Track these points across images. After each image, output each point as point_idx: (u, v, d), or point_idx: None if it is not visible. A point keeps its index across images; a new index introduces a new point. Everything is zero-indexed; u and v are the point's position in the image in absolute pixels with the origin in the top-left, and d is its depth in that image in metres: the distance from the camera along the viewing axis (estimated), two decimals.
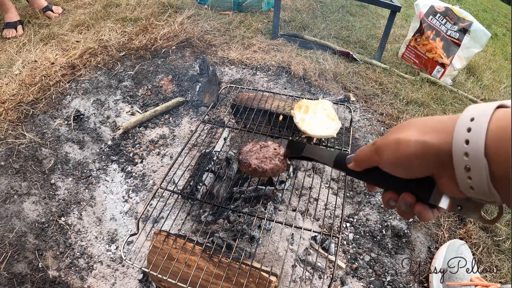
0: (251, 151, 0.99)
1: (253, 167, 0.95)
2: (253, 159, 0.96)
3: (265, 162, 0.95)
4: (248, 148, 1.00)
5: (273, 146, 1.00)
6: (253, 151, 0.99)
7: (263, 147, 1.00)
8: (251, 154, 0.98)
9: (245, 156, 0.98)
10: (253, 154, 0.98)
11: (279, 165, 0.95)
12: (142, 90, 1.76)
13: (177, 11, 2.38)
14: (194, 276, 0.90)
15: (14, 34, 2.04)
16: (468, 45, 2.04)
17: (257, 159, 0.96)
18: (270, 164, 0.95)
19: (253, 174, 0.96)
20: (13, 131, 1.47)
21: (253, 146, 1.01)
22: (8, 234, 1.17)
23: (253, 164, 0.95)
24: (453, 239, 1.21)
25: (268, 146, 1.00)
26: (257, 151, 0.99)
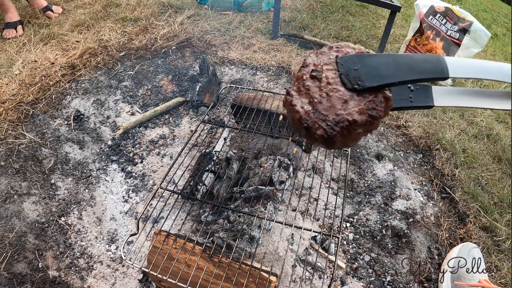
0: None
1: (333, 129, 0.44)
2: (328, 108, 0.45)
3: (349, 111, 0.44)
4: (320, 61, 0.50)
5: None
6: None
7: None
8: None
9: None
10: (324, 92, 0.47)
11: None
12: (142, 90, 1.76)
13: (177, 11, 2.37)
14: (194, 276, 0.90)
15: (14, 34, 2.04)
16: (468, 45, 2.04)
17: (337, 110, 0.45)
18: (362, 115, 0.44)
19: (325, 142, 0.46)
20: (13, 131, 1.47)
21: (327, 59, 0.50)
22: (8, 234, 1.17)
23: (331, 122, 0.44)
24: (466, 242, 1.22)
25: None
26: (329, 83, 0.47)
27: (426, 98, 0.47)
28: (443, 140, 1.60)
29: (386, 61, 0.47)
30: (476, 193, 1.41)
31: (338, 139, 0.45)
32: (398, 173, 1.47)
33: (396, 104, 0.47)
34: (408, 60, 0.47)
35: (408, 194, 1.40)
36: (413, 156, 1.57)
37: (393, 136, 1.64)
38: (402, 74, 0.46)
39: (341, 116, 0.44)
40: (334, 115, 0.45)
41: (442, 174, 1.48)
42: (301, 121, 0.46)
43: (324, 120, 0.45)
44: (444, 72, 0.45)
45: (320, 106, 0.46)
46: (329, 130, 0.44)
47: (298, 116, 0.46)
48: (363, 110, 0.45)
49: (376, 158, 1.52)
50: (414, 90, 0.48)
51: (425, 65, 0.46)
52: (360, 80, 0.46)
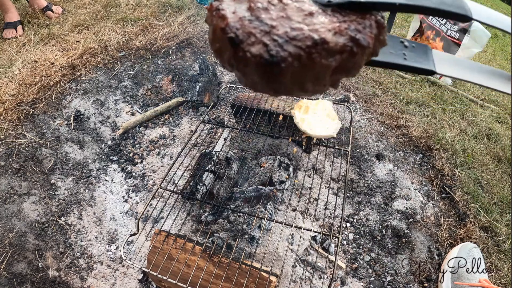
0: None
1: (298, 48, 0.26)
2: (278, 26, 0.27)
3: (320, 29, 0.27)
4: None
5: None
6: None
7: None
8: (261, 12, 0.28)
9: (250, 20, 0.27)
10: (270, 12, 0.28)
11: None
12: (142, 90, 1.76)
13: (177, 11, 2.37)
14: (194, 276, 0.90)
15: (14, 34, 2.04)
16: (468, 45, 2.04)
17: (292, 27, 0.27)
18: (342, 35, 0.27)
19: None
20: (13, 131, 1.47)
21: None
22: (8, 234, 1.17)
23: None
24: (466, 242, 1.22)
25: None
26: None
27: (425, 59, 0.36)
28: (443, 140, 1.60)
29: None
30: (476, 193, 1.41)
31: (288, 66, 0.25)
32: (398, 173, 1.47)
33: (384, 57, 0.34)
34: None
35: (408, 194, 1.40)
36: (413, 156, 1.57)
37: (393, 136, 1.64)
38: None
39: (300, 32, 0.26)
40: (288, 28, 0.26)
41: (442, 174, 1.48)
42: (228, 30, 0.26)
43: (269, 32, 0.26)
44: (465, 9, 0.32)
45: (265, 13, 0.27)
46: (274, 48, 0.25)
47: (223, 24, 0.27)
48: (340, 29, 0.27)
49: (376, 158, 1.52)
50: (409, 47, 0.36)
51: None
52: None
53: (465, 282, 1.06)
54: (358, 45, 0.27)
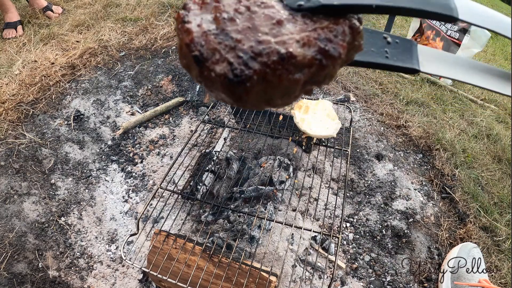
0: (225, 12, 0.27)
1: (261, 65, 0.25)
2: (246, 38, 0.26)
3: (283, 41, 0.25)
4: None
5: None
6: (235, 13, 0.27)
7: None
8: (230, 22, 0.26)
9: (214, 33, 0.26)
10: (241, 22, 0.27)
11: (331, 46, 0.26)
12: (142, 90, 1.76)
13: (177, 11, 2.37)
14: (194, 276, 0.90)
15: (14, 34, 2.04)
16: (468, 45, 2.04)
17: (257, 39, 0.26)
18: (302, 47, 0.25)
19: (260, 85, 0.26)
20: (13, 131, 1.47)
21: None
22: (8, 234, 1.17)
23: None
24: (466, 242, 1.22)
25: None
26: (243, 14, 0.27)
27: (408, 57, 0.33)
28: (443, 140, 1.60)
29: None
30: (476, 193, 1.41)
31: (253, 85, 0.25)
32: (398, 173, 1.47)
33: (364, 56, 0.31)
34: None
35: (408, 194, 1.40)
36: (413, 156, 1.57)
37: (393, 136, 1.64)
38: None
39: (267, 45, 0.25)
40: (253, 41, 0.25)
41: (442, 174, 1.48)
42: (192, 46, 0.26)
43: (234, 48, 0.25)
44: (451, 9, 0.29)
45: (231, 25, 0.26)
46: (238, 67, 0.24)
47: (188, 39, 0.26)
48: (309, 39, 0.25)
49: (376, 158, 1.52)
50: (391, 43, 0.33)
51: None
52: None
53: (465, 282, 1.06)
54: (328, 57, 0.26)
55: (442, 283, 1.11)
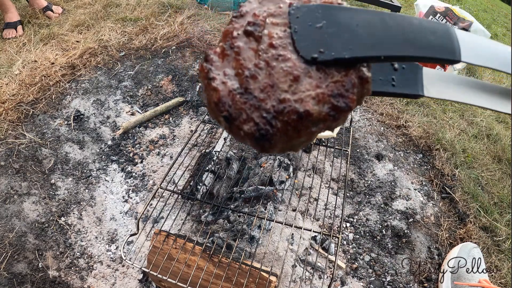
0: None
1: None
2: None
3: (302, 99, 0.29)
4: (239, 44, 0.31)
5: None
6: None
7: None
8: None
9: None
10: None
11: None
12: (142, 90, 1.76)
13: (177, 11, 2.37)
14: (194, 276, 0.90)
15: (14, 34, 2.04)
16: None
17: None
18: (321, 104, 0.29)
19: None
20: (13, 131, 1.47)
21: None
22: (8, 234, 1.17)
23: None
24: (466, 242, 1.22)
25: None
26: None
27: (413, 83, 0.34)
28: (443, 140, 1.60)
29: (369, 21, 0.30)
30: (476, 193, 1.41)
31: (277, 139, 0.29)
32: (398, 173, 1.47)
33: (373, 86, 0.32)
34: (402, 24, 0.30)
35: (408, 194, 1.40)
36: (413, 156, 1.57)
37: (393, 136, 1.64)
38: (393, 46, 0.29)
39: (287, 104, 0.28)
40: (274, 100, 0.28)
41: (442, 174, 1.48)
42: (221, 106, 0.29)
43: (258, 108, 0.28)
44: (454, 53, 0.29)
45: (253, 83, 0.29)
46: (263, 127, 0.28)
47: (216, 98, 0.29)
48: (323, 96, 0.28)
49: (376, 158, 1.52)
50: (398, 69, 0.35)
51: (427, 36, 0.30)
52: (324, 45, 0.29)
53: (465, 282, 1.06)
54: (340, 111, 0.29)
55: (442, 283, 1.11)
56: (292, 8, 0.32)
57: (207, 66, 0.31)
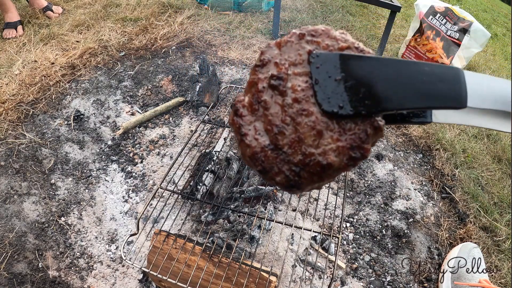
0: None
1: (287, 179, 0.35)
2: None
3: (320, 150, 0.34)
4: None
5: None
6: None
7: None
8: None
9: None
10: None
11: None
12: (142, 90, 1.76)
13: (177, 11, 2.37)
14: (194, 276, 0.90)
15: (14, 34, 2.04)
16: (468, 45, 2.04)
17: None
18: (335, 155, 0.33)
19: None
20: (13, 131, 1.47)
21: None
22: (8, 234, 1.17)
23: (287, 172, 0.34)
24: (466, 242, 1.22)
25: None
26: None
27: (423, 111, 0.37)
28: (443, 140, 1.60)
29: (384, 72, 0.32)
30: (476, 193, 1.41)
31: (305, 185, 0.34)
32: (398, 173, 1.47)
33: (386, 120, 0.35)
34: (415, 74, 0.31)
35: (408, 194, 1.40)
36: (413, 156, 1.57)
37: (393, 136, 1.64)
38: (404, 100, 0.31)
39: (312, 158, 0.32)
40: (301, 154, 0.32)
41: (442, 174, 1.48)
42: (255, 161, 0.33)
43: (287, 162, 0.33)
44: (461, 101, 0.31)
45: (282, 139, 0.33)
46: (293, 178, 0.33)
47: (250, 153, 0.33)
48: (343, 149, 0.32)
49: (376, 158, 1.52)
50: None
51: (437, 85, 0.31)
52: (343, 100, 0.32)
53: (465, 282, 1.06)
54: (356, 160, 0.33)
55: (442, 283, 1.11)
56: (312, 56, 0.34)
57: (238, 121, 0.34)
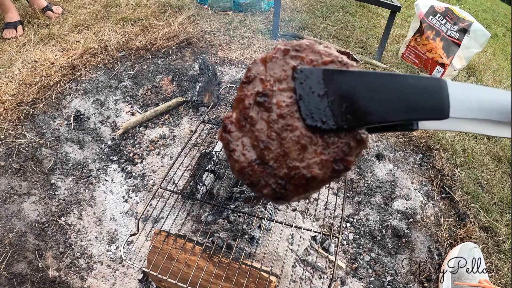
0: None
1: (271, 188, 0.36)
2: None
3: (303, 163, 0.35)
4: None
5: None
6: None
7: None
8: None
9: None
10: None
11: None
12: (142, 90, 1.76)
13: (177, 11, 2.37)
14: (194, 276, 0.90)
15: (14, 34, 2.04)
16: (468, 45, 2.04)
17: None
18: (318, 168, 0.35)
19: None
20: (13, 131, 1.47)
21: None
22: (8, 234, 1.17)
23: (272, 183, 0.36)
24: (466, 242, 1.22)
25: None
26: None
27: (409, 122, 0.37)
28: (443, 140, 1.60)
29: (366, 86, 0.32)
30: (476, 193, 1.41)
31: (291, 197, 0.35)
32: (398, 173, 1.47)
33: (370, 131, 0.35)
34: (399, 87, 0.31)
35: (408, 194, 1.40)
36: (413, 156, 1.57)
37: (393, 136, 1.64)
38: (387, 111, 0.31)
39: (296, 171, 0.33)
40: (286, 168, 0.33)
41: (442, 174, 1.48)
42: (243, 175, 0.34)
43: (273, 175, 0.34)
44: (443, 112, 0.31)
45: (268, 153, 0.33)
46: (279, 191, 0.34)
47: (238, 167, 0.35)
48: (326, 162, 0.33)
49: (376, 158, 1.52)
50: None
51: (420, 97, 0.31)
52: (325, 116, 0.32)
53: (465, 282, 1.06)
54: (339, 173, 0.34)
55: (442, 283, 1.11)
56: (296, 71, 0.35)
57: (227, 137, 0.36)
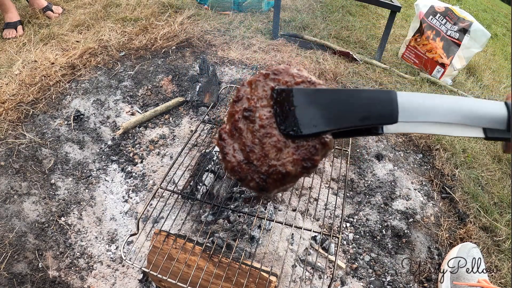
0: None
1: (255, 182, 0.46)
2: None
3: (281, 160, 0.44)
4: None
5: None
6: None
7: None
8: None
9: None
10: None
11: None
12: (142, 90, 1.76)
13: (177, 11, 2.37)
14: (194, 276, 0.90)
15: (14, 34, 2.04)
16: (468, 45, 2.04)
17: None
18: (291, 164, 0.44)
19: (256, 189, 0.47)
20: (13, 131, 1.47)
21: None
22: (8, 234, 1.17)
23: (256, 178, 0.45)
24: (466, 242, 1.22)
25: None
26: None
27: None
28: (443, 140, 1.60)
29: (328, 101, 0.42)
30: (476, 193, 1.41)
31: (271, 189, 0.45)
32: (398, 173, 1.47)
33: (335, 135, 0.44)
34: (354, 99, 0.41)
35: (408, 194, 1.40)
36: (413, 156, 1.57)
37: (393, 136, 1.64)
38: (345, 119, 0.41)
39: (274, 168, 0.44)
40: (266, 166, 0.44)
41: (442, 174, 1.48)
42: (234, 172, 0.46)
43: (257, 172, 0.44)
44: (392, 117, 0.39)
45: (252, 155, 0.45)
46: (261, 183, 0.44)
47: (230, 167, 0.46)
48: (297, 160, 0.43)
49: (376, 158, 1.52)
50: None
51: (374, 107, 0.40)
52: (296, 125, 0.43)
53: (464, 282, 1.06)
54: (308, 169, 0.43)
55: (442, 283, 1.11)
56: (274, 91, 0.46)
57: (222, 143, 0.47)
